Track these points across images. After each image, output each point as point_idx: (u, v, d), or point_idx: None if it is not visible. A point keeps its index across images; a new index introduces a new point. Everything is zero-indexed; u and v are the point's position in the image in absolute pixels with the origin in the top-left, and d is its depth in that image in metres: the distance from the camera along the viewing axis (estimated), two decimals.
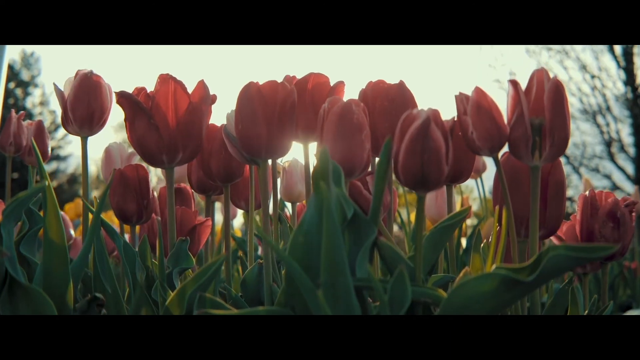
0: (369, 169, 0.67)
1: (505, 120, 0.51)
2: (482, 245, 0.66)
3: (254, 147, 0.63)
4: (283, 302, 0.56)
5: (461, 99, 0.51)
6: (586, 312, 0.69)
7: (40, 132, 0.88)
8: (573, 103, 10.64)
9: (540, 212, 0.56)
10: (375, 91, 0.70)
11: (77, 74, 0.72)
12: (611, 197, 0.73)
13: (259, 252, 1.17)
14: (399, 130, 0.47)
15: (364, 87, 0.72)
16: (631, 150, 10.95)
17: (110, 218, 1.47)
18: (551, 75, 0.49)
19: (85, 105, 0.70)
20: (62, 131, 18.55)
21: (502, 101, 0.52)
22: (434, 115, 0.46)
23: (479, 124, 0.50)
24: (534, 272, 0.42)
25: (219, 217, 1.35)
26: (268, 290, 0.66)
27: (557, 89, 0.49)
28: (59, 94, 0.71)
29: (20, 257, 0.61)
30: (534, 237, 0.52)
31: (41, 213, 0.66)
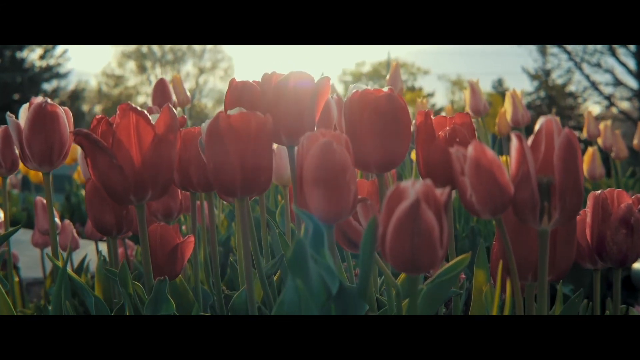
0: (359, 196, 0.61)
1: (509, 175, 0.44)
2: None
3: (227, 188, 0.56)
4: None
5: (458, 157, 0.44)
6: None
7: (6, 142, 0.81)
8: None
9: (550, 256, 0.50)
10: (363, 103, 0.63)
11: (31, 103, 0.63)
12: (624, 202, 0.66)
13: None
14: (386, 207, 0.41)
15: (349, 97, 0.64)
16: (632, 45, 10.66)
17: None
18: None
19: (42, 139, 0.63)
20: (60, 48, 18.13)
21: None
22: (424, 192, 0.40)
23: (478, 185, 0.43)
24: None
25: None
26: None
27: (569, 146, 0.41)
28: (14, 126, 0.63)
29: None
30: (541, 303, 0.47)
31: None
